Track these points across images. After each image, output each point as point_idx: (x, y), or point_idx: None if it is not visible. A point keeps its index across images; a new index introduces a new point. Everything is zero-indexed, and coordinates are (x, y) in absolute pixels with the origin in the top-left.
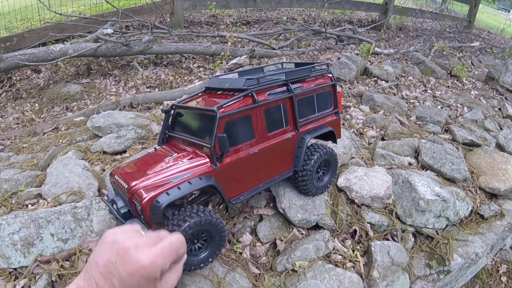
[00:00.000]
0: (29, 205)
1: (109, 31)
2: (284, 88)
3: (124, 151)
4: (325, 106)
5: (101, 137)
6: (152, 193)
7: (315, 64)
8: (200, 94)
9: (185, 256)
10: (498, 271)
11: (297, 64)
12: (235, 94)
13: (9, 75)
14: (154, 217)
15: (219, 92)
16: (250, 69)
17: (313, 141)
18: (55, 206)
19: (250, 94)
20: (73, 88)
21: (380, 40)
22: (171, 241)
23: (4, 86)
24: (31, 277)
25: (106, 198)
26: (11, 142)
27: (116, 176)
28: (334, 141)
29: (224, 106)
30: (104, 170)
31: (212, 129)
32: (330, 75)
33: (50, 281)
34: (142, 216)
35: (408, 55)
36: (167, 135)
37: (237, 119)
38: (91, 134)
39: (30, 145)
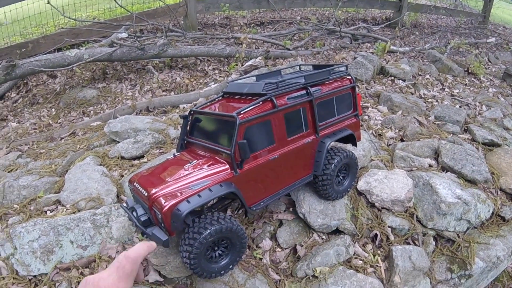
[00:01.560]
0: (48, 212)
1: (124, 35)
2: (303, 91)
3: (142, 156)
4: (345, 109)
5: (118, 142)
6: (173, 201)
7: (334, 66)
8: (218, 99)
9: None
10: None
11: (315, 66)
12: (254, 98)
13: (25, 81)
14: (175, 225)
15: (237, 97)
16: (267, 72)
17: (333, 144)
18: (74, 212)
19: (269, 99)
20: (89, 93)
21: (395, 38)
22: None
23: (21, 92)
24: (51, 285)
25: (125, 205)
26: (28, 148)
27: (135, 183)
28: (354, 144)
29: (243, 111)
30: (122, 175)
31: (232, 135)
32: (349, 77)
33: None
34: (162, 224)
35: (424, 53)
36: (185, 141)
37: (257, 124)
38: (108, 139)
39: (48, 150)
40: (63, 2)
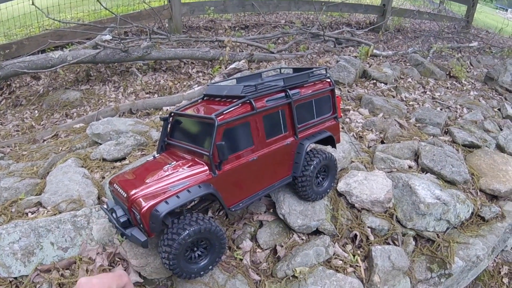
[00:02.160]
0: (29, 214)
1: (108, 37)
2: (283, 94)
3: (124, 158)
4: (324, 111)
5: (100, 144)
6: (151, 202)
7: (313, 69)
8: (198, 101)
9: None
10: (500, 273)
11: (295, 69)
12: (233, 101)
13: (8, 82)
14: (153, 226)
15: (217, 99)
16: (248, 75)
17: (312, 146)
18: (55, 214)
19: (248, 101)
20: (72, 95)
21: (378, 42)
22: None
23: (4, 93)
24: (32, 286)
25: (105, 206)
26: (11, 150)
27: (115, 184)
28: (334, 146)
29: (222, 113)
30: (103, 177)
31: (210, 136)
32: (329, 80)
33: None
34: (141, 225)
35: (406, 57)
36: (166, 143)
37: (236, 126)
38: (91, 141)
39: (30, 152)
40: (47, 3)
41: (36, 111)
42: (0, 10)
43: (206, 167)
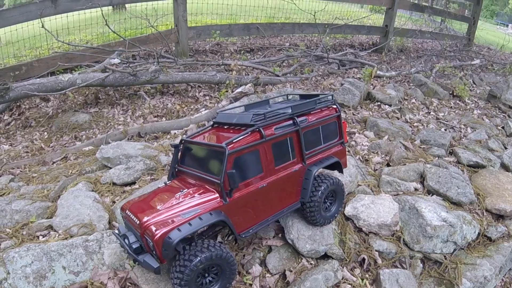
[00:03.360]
0: (40, 237)
1: (116, 61)
2: (290, 121)
3: (134, 183)
4: (331, 137)
5: (110, 167)
6: (164, 229)
7: (320, 95)
8: (208, 128)
9: None
10: None
11: (302, 96)
12: (243, 129)
13: (18, 104)
14: (166, 252)
15: (226, 127)
16: (256, 102)
17: (320, 171)
18: (66, 238)
19: (257, 130)
20: (81, 117)
21: (381, 62)
22: None
23: (14, 114)
24: None
25: (117, 232)
26: (21, 171)
27: (127, 211)
28: (341, 171)
29: (232, 142)
30: (114, 202)
31: (221, 164)
32: (335, 106)
33: None
34: (154, 252)
35: (409, 77)
36: (176, 169)
37: (245, 154)
38: (100, 165)
39: (40, 174)
40: (57, 25)
41: (46, 133)
42: (10, 31)
43: (217, 195)
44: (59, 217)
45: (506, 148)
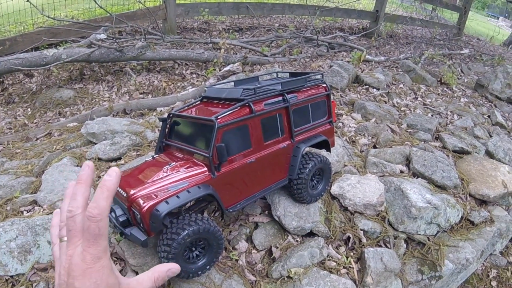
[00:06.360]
0: (25, 212)
1: (102, 36)
2: (280, 98)
3: (119, 158)
4: (320, 116)
5: (95, 143)
6: (152, 202)
7: (310, 74)
8: (196, 103)
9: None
10: (488, 276)
11: (291, 74)
12: (232, 103)
13: (1, 79)
14: (153, 225)
15: (215, 102)
16: (245, 78)
17: (308, 149)
18: (51, 213)
19: (247, 104)
20: (65, 93)
21: (371, 47)
22: None
23: None
24: (28, 285)
25: None
26: (4, 147)
27: None
28: (328, 150)
29: (222, 115)
30: (99, 177)
31: (210, 138)
32: (324, 85)
33: None
34: (141, 225)
35: (398, 63)
36: (164, 143)
37: (235, 128)
38: (85, 141)
39: (24, 150)
40: (42, 0)
41: (29, 109)
42: None
43: (205, 168)
44: (43, 192)
45: (491, 136)
